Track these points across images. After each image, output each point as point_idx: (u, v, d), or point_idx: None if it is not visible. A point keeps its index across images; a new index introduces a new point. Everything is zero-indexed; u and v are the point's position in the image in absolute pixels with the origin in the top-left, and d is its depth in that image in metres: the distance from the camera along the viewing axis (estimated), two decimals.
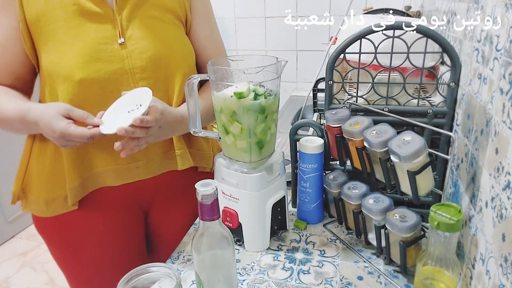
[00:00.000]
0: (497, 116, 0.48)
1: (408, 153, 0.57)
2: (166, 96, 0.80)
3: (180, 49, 0.83)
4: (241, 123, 0.65)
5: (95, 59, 0.73)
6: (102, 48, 0.73)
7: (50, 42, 0.73)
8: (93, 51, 0.73)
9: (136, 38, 0.76)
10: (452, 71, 0.65)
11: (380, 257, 0.69)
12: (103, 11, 0.74)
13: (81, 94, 0.73)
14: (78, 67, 0.72)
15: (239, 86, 0.64)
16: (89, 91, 0.73)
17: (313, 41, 2.00)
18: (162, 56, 0.78)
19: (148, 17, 0.78)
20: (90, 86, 0.73)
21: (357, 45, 0.69)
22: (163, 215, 0.93)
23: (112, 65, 0.74)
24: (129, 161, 0.80)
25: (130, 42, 0.76)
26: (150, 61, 0.77)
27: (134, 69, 0.76)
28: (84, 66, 0.72)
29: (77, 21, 0.73)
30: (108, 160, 0.80)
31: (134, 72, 0.76)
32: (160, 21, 0.80)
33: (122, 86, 0.75)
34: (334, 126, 0.70)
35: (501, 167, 0.46)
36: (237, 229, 0.72)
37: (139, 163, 0.82)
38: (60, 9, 0.72)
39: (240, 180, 0.69)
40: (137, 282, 0.51)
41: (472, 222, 0.56)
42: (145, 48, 0.76)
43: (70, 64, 0.72)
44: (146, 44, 0.77)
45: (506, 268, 0.43)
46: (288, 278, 0.65)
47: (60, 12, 0.72)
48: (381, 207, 0.64)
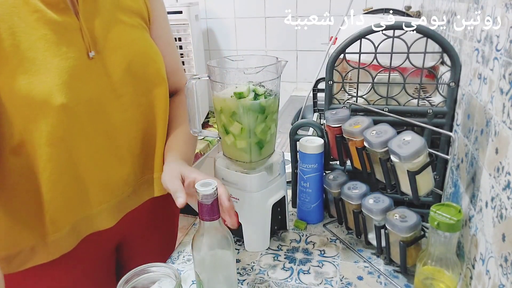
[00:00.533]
0: (497, 116, 0.48)
1: (408, 153, 0.56)
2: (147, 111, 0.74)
3: (155, 56, 0.74)
4: (241, 123, 0.65)
5: (73, 77, 0.60)
6: (77, 64, 0.61)
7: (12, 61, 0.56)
8: (69, 67, 0.60)
9: (107, 49, 0.66)
10: (452, 71, 0.65)
11: (380, 257, 0.69)
12: (68, 20, 0.61)
13: (64, 124, 0.60)
14: (57, 89, 0.58)
15: (239, 86, 0.64)
16: (73, 118, 0.61)
17: (313, 41, 2.00)
18: (139, 66, 0.70)
19: (118, 23, 0.68)
20: (74, 111, 0.61)
21: (357, 45, 0.69)
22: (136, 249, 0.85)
23: (91, 83, 0.63)
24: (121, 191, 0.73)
25: (102, 54, 0.65)
26: (128, 74, 0.68)
27: (113, 85, 0.66)
28: (64, 87, 0.59)
29: (42, 31, 0.58)
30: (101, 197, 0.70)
31: (113, 89, 0.67)
32: (131, 26, 0.71)
33: (104, 106, 0.66)
34: (334, 126, 0.70)
35: (501, 167, 0.46)
36: (237, 229, 0.72)
37: (129, 191, 0.75)
38: (19, 19, 0.57)
39: (240, 180, 0.69)
40: (137, 282, 0.51)
41: (472, 222, 0.56)
42: (119, 60, 0.67)
43: (46, 87, 0.57)
44: (120, 56, 0.67)
45: (506, 268, 0.43)
46: (288, 278, 0.65)
47: (21, 23, 0.57)
48: (381, 207, 0.64)
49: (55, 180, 0.62)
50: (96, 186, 0.69)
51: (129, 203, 0.76)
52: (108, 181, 0.70)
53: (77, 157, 0.64)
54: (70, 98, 0.60)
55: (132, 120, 0.72)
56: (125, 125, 0.70)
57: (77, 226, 0.68)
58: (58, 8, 0.60)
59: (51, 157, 0.61)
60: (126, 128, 0.71)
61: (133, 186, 0.76)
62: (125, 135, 0.71)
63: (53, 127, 0.59)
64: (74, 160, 0.64)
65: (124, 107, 0.69)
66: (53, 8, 0.60)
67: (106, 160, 0.69)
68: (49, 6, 0.60)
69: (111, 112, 0.67)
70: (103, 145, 0.68)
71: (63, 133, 0.61)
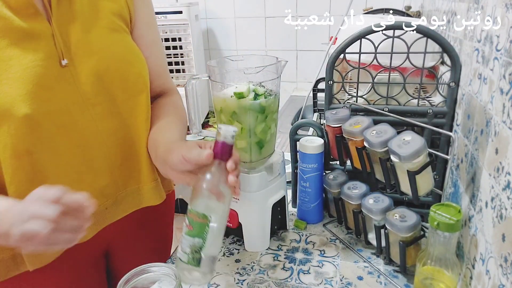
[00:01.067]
0: (497, 116, 0.48)
1: (408, 153, 0.57)
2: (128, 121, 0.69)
3: (135, 60, 0.70)
4: (241, 123, 0.65)
5: (40, 87, 0.57)
6: (46, 73, 0.58)
7: None
8: (35, 77, 0.56)
9: (82, 55, 0.62)
10: (452, 71, 0.65)
11: (380, 257, 0.69)
12: (38, 26, 0.58)
13: (29, 135, 0.57)
14: (20, 100, 0.55)
15: (239, 86, 0.64)
16: (39, 130, 0.58)
17: (313, 41, 2.00)
18: (117, 73, 0.66)
19: (95, 27, 0.64)
20: (39, 122, 0.57)
21: (357, 45, 0.69)
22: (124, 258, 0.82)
23: (60, 93, 0.60)
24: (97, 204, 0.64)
25: (75, 62, 0.61)
26: (104, 81, 0.64)
27: (85, 94, 0.62)
28: (29, 97, 0.56)
29: (6, 41, 0.56)
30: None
31: (86, 98, 0.63)
32: (109, 29, 0.66)
33: (75, 117, 0.62)
34: (334, 126, 0.70)
35: (501, 167, 0.46)
36: (237, 229, 0.72)
37: (107, 203, 0.70)
38: None
39: (240, 180, 0.69)
40: (136, 282, 0.51)
41: (472, 222, 0.56)
42: (94, 68, 0.63)
43: (7, 98, 0.55)
44: (94, 63, 0.63)
45: (506, 268, 0.43)
46: (288, 278, 0.65)
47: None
48: (381, 207, 0.64)
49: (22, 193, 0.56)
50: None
51: (107, 216, 0.71)
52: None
53: (46, 169, 0.61)
54: (35, 109, 0.56)
55: (108, 131, 0.67)
56: (100, 135, 0.66)
57: None
58: (26, 14, 0.57)
59: (17, 169, 0.58)
60: (101, 139, 0.66)
61: (113, 198, 0.71)
62: (101, 146, 0.67)
63: (18, 138, 0.56)
64: (43, 172, 0.60)
65: (99, 117, 0.65)
66: (20, 14, 0.57)
67: (77, 172, 0.65)
68: (16, 12, 0.56)
69: (83, 123, 0.63)
70: (74, 157, 0.64)
71: (28, 145, 0.58)
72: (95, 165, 0.67)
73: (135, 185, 0.74)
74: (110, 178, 0.70)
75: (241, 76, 0.65)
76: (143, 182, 0.74)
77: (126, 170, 0.72)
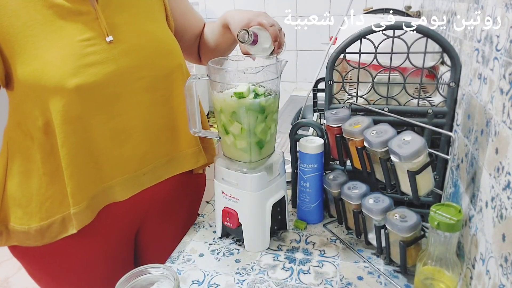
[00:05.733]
0: (497, 116, 0.48)
1: (408, 153, 0.56)
2: (167, 95, 0.77)
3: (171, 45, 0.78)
4: (241, 123, 0.65)
5: (87, 62, 0.65)
6: (92, 50, 0.66)
7: (27, 51, 0.63)
8: (83, 53, 0.65)
9: (126, 35, 0.70)
10: (452, 71, 0.65)
11: (380, 257, 0.69)
12: (84, 9, 0.67)
13: (79, 104, 0.65)
14: (70, 74, 0.63)
15: (239, 86, 0.64)
16: (88, 99, 0.66)
17: (313, 41, 2.00)
18: (155, 52, 0.74)
19: (135, 10, 0.73)
20: (89, 92, 0.66)
21: (357, 45, 0.69)
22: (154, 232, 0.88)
23: (107, 67, 0.67)
24: (135, 168, 0.76)
25: (120, 39, 0.69)
26: (146, 58, 0.72)
27: (131, 68, 0.70)
28: (78, 71, 0.64)
29: (58, 23, 0.64)
30: (115, 171, 0.73)
31: (131, 72, 0.70)
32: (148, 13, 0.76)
33: (120, 88, 0.69)
34: (334, 126, 0.70)
35: (501, 167, 0.46)
36: (237, 229, 0.72)
37: (145, 169, 0.77)
38: (36, 13, 0.64)
39: (240, 180, 0.69)
40: (135, 283, 0.51)
41: (472, 222, 0.56)
42: (136, 45, 0.71)
43: (59, 72, 0.63)
44: (138, 41, 0.71)
45: (506, 268, 0.43)
46: (288, 278, 0.65)
47: (37, 15, 0.64)
48: (381, 207, 0.64)
49: (73, 156, 0.67)
50: (110, 161, 0.72)
51: (144, 180, 0.78)
52: (122, 157, 0.73)
53: (93, 134, 0.69)
54: (85, 81, 0.64)
55: (149, 103, 0.74)
56: (141, 107, 0.73)
57: (94, 198, 0.72)
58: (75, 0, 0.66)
59: (68, 134, 0.66)
60: (142, 110, 0.74)
61: (152, 165, 0.78)
62: (141, 117, 0.74)
63: (69, 106, 0.65)
64: (90, 137, 0.69)
65: (140, 90, 0.72)
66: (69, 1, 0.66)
67: (120, 139, 0.72)
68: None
69: (125, 95, 0.70)
70: (117, 124, 0.71)
71: (79, 112, 0.66)
72: (135, 134, 0.74)
73: (174, 153, 0.82)
74: (149, 146, 0.77)
75: (241, 76, 0.65)
76: (180, 149, 0.82)
77: (164, 138, 0.79)
